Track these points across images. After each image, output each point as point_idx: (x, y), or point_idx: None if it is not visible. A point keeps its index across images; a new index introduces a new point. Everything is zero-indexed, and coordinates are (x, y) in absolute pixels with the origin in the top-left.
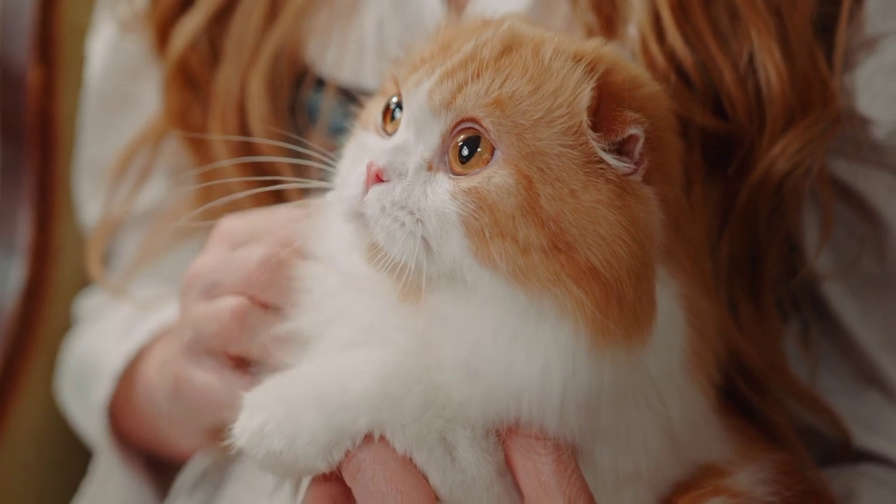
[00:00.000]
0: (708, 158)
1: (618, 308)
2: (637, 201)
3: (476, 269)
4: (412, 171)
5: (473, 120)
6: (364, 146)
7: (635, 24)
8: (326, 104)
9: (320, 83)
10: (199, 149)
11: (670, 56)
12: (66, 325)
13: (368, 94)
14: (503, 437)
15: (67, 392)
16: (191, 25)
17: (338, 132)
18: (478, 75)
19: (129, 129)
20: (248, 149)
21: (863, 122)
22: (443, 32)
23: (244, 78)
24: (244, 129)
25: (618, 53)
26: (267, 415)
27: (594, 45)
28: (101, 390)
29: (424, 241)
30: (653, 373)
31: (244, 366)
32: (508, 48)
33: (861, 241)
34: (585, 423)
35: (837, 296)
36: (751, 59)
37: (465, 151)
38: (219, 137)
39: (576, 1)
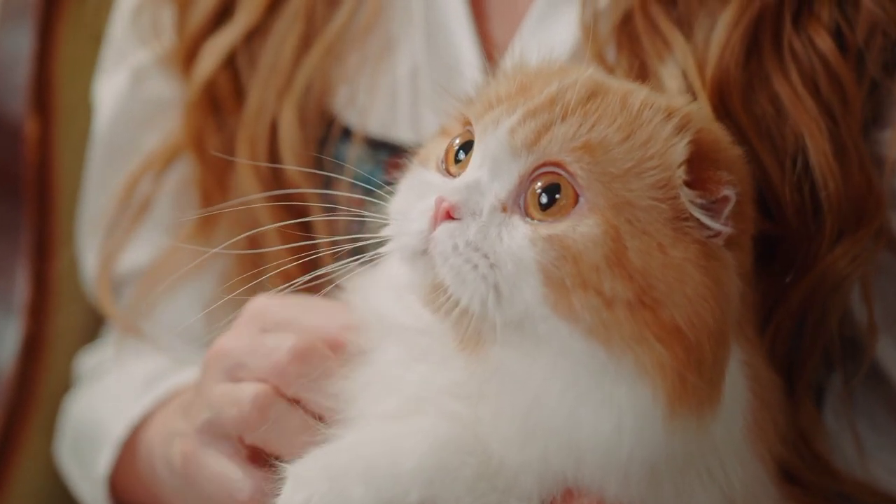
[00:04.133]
0: None
1: (697, 373)
2: (720, 265)
3: (552, 321)
4: (487, 211)
5: (558, 164)
6: (426, 182)
7: None
8: (353, 154)
9: (347, 134)
10: (220, 177)
11: None
12: (66, 384)
13: (399, 145)
14: None
15: (66, 455)
16: (223, 42)
17: (365, 184)
18: (564, 118)
19: None
20: (277, 179)
21: None
22: (520, 74)
23: (277, 107)
24: (274, 159)
25: (705, 113)
26: (311, 489)
27: (683, 102)
28: (103, 460)
29: (496, 286)
30: (717, 442)
31: (260, 457)
32: (594, 94)
33: None
34: (647, 491)
35: (884, 348)
36: (796, 160)
37: (545, 198)
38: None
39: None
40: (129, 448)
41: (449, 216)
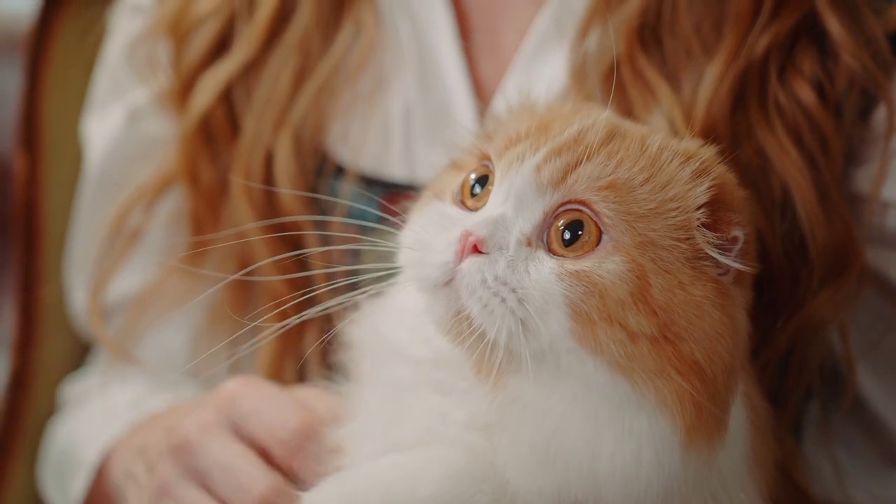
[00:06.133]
0: None
1: (711, 405)
2: (732, 303)
3: (577, 353)
4: (513, 245)
5: (583, 202)
6: (444, 215)
7: None
8: (346, 190)
9: (340, 171)
10: (213, 207)
11: None
12: (51, 415)
13: (392, 182)
14: None
15: (49, 480)
16: (220, 75)
17: (359, 218)
18: (588, 157)
19: None
20: (272, 208)
21: (883, 207)
22: (537, 112)
23: (272, 139)
24: (269, 191)
25: (715, 156)
26: None
27: (698, 146)
28: (77, 484)
29: (523, 319)
30: (721, 469)
31: None
32: (612, 135)
33: (886, 322)
34: None
35: (862, 375)
36: (784, 210)
37: (567, 235)
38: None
39: None
40: (103, 471)
41: (476, 250)
